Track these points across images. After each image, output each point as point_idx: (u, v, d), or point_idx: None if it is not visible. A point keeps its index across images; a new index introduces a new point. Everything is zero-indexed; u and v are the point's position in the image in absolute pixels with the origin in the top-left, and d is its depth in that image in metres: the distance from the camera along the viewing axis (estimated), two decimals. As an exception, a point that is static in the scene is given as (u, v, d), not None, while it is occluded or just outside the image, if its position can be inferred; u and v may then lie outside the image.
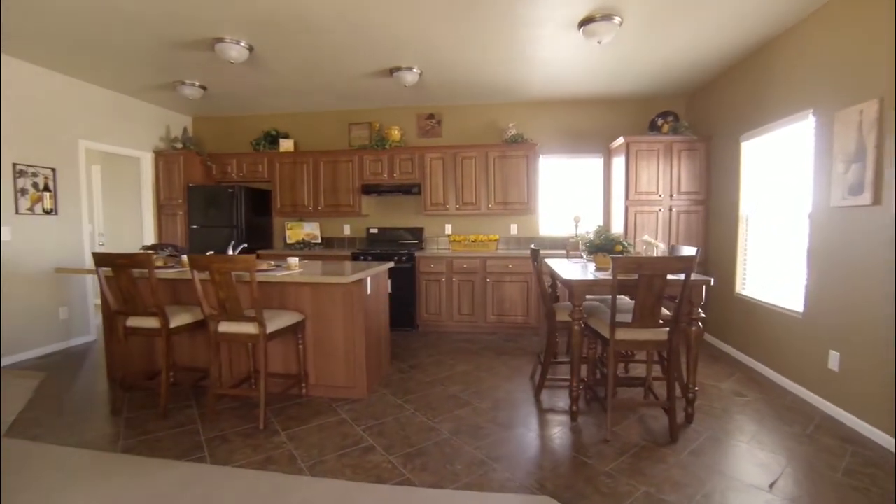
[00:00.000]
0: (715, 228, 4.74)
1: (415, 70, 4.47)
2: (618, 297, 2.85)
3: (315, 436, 2.89)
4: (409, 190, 5.40)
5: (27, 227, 4.26)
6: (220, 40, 3.80)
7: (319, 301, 3.50)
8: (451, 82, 4.90)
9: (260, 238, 5.77)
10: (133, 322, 3.25)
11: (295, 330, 3.41)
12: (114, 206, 6.04)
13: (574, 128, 5.56)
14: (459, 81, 4.89)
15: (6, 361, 4.14)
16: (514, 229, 5.69)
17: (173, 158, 5.56)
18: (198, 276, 3.06)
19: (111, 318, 3.60)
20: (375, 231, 5.79)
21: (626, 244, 3.39)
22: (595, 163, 5.60)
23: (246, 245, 4.74)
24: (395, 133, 5.52)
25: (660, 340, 2.82)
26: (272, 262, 3.60)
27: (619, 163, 5.06)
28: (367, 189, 5.48)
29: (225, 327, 3.11)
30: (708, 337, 4.88)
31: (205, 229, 5.43)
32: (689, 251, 3.46)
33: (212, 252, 3.73)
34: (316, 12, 3.38)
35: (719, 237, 4.65)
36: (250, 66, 4.33)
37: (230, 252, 3.80)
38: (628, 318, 2.76)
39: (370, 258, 5.22)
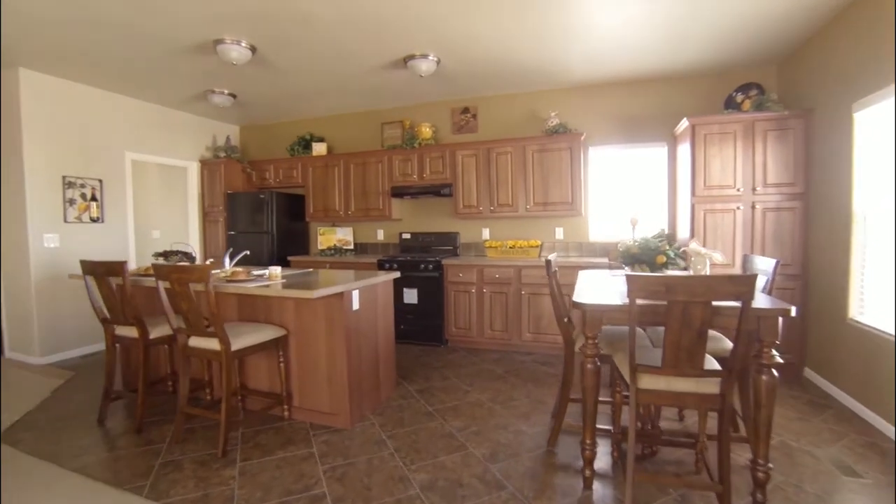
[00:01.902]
0: (817, 231, 3.48)
1: (431, 57, 3.85)
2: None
3: (270, 472, 2.40)
4: (439, 191, 4.78)
5: (75, 234, 4.37)
6: (221, 41, 3.51)
7: (302, 316, 3.03)
8: (480, 70, 4.20)
9: (295, 244, 5.54)
10: (120, 331, 3.05)
11: (276, 346, 2.98)
12: (174, 213, 6.21)
13: (629, 113, 4.54)
14: (488, 68, 4.17)
15: (54, 359, 4.28)
16: (559, 233, 4.81)
17: (215, 167, 5.52)
18: (162, 285, 2.75)
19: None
20: (408, 236, 5.25)
21: (672, 254, 2.46)
22: (658, 153, 4.52)
23: (248, 252, 4.48)
24: (426, 130, 4.94)
25: (706, 394, 1.89)
26: (255, 272, 3.20)
27: (684, 151, 3.97)
28: (397, 191, 4.96)
29: (193, 342, 2.77)
30: (809, 374, 3.61)
31: (242, 235, 5.31)
32: (763, 264, 2.43)
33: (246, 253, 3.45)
34: (310, 1, 2.95)
35: (824, 243, 3.40)
36: (259, 67, 4.02)
37: (227, 260, 3.49)
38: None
39: (395, 266, 4.69)
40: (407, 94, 4.94)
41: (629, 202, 4.64)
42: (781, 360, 1.94)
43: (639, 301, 1.85)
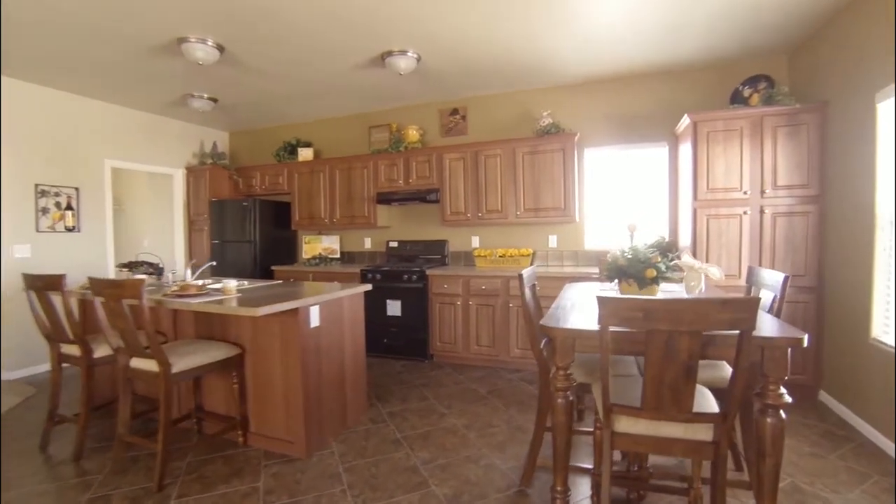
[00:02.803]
0: (835, 239, 3.06)
1: (410, 54, 3.55)
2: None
3: (204, 514, 2.10)
4: (425, 197, 4.46)
5: (48, 244, 4.17)
6: (185, 40, 3.27)
7: (259, 333, 2.74)
8: (466, 68, 3.88)
9: (281, 253, 5.27)
10: (66, 349, 2.80)
11: (230, 366, 2.69)
12: (165, 221, 6.01)
13: (627, 111, 4.16)
14: (475, 66, 3.86)
15: (22, 374, 4.06)
16: (552, 241, 4.44)
17: (201, 174, 5.31)
18: (98, 302, 2.48)
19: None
20: (395, 245, 4.94)
21: (664, 267, 2.09)
22: (658, 154, 4.13)
23: (214, 263, 4.20)
24: (413, 133, 4.63)
25: (697, 441, 1.52)
26: (213, 286, 2.92)
27: (686, 151, 3.58)
28: (383, 198, 4.66)
29: (135, 362, 2.49)
30: (825, 398, 3.17)
31: (226, 244, 5.07)
32: (771, 278, 2.05)
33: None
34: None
35: (843, 252, 2.97)
36: (232, 67, 3.78)
37: (188, 273, 3.22)
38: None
39: (378, 276, 4.38)
40: (394, 96, 4.65)
41: (628, 207, 4.25)
42: (790, 400, 1.56)
43: (615, 328, 1.50)
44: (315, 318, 2.72)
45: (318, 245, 5.18)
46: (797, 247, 3.23)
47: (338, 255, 5.15)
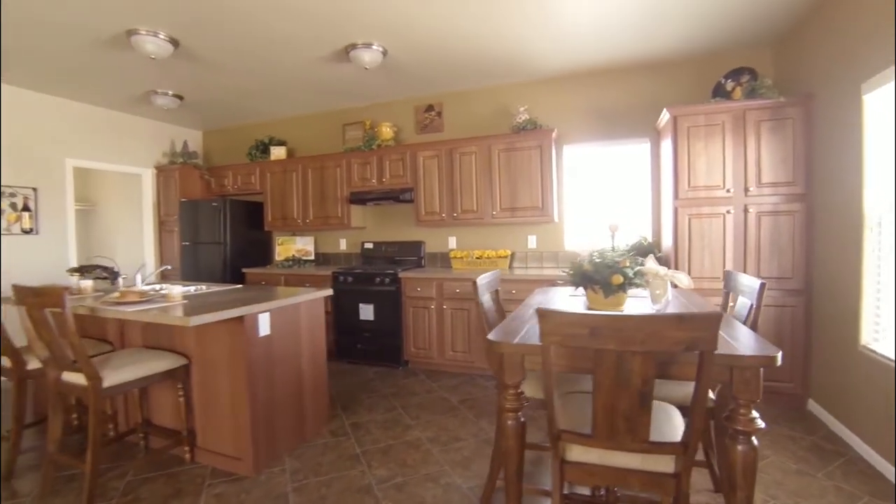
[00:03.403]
0: (823, 239, 2.87)
1: (375, 46, 3.34)
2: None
3: (129, 546, 1.90)
4: (398, 197, 4.25)
5: (3, 247, 3.95)
6: (135, 32, 3.06)
7: (205, 343, 2.54)
8: (438, 62, 3.68)
9: (254, 255, 5.05)
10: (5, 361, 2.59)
11: (173, 377, 2.48)
12: (137, 223, 5.79)
13: (607, 105, 3.96)
14: (447, 59, 3.65)
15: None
16: (532, 242, 4.24)
17: (171, 174, 5.09)
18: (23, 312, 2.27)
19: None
20: (370, 246, 4.73)
21: (632, 272, 1.89)
22: (640, 150, 3.93)
23: (169, 267, 3.99)
24: (386, 131, 4.43)
25: (656, 474, 1.33)
26: (157, 292, 2.72)
27: (668, 147, 3.39)
28: (356, 197, 4.45)
29: (66, 375, 2.28)
30: (814, 407, 2.98)
31: (196, 246, 4.85)
32: (749, 284, 1.86)
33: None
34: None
35: (831, 253, 2.78)
36: (191, 62, 3.56)
37: (138, 277, 3.02)
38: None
39: (350, 278, 4.17)
40: (367, 93, 4.45)
41: (610, 206, 4.05)
42: (763, 425, 1.37)
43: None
44: (265, 327, 2.52)
45: (291, 246, 4.97)
46: (783, 248, 3.04)
47: (312, 257, 4.95)
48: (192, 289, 3.24)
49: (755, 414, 1.36)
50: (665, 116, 3.30)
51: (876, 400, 2.32)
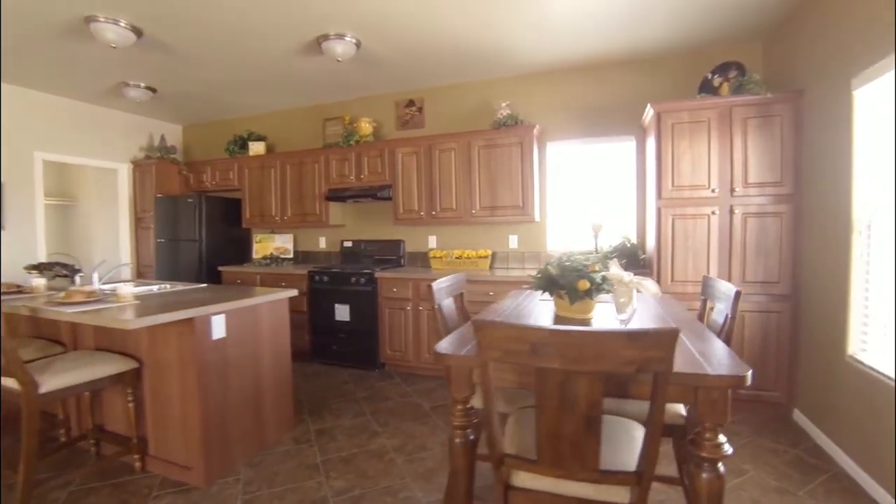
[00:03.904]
0: (811, 242, 2.72)
1: (347, 38, 3.19)
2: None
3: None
4: (376, 194, 4.10)
5: (-36, 243, 3.82)
6: (93, 19, 2.90)
7: (156, 346, 2.39)
8: (416, 55, 3.52)
9: (231, 253, 4.89)
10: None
11: (122, 381, 2.34)
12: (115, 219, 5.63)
13: (592, 102, 3.81)
14: (425, 52, 3.50)
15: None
16: (513, 242, 4.09)
17: (147, 169, 4.93)
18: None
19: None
20: (350, 244, 4.58)
21: (601, 278, 1.75)
22: (626, 148, 3.78)
23: (127, 263, 3.81)
24: (365, 126, 4.27)
25: (608, 505, 1.18)
26: (104, 291, 2.56)
27: (653, 145, 3.23)
28: (334, 194, 4.29)
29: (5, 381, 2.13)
30: (799, 417, 2.83)
31: (170, 243, 4.69)
32: (724, 291, 1.71)
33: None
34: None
35: (819, 257, 2.64)
36: (159, 53, 3.40)
37: (95, 276, 2.86)
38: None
39: (326, 278, 4.02)
40: (347, 87, 4.29)
41: (594, 206, 3.90)
42: (730, 451, 1.22)
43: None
44: (220, 329, 2.37)
45: (270, 244, 4.82)
46: (770, 250, 2.89)
47: (291, 256, 4.79)
48: (155, 288, 3.09)
49: (722, 439, 1.21)
50: (649, 113, 3.15)
51: (862, 413, 2.17)
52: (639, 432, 1.46)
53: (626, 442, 1.37)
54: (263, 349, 2.67)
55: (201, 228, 4.56)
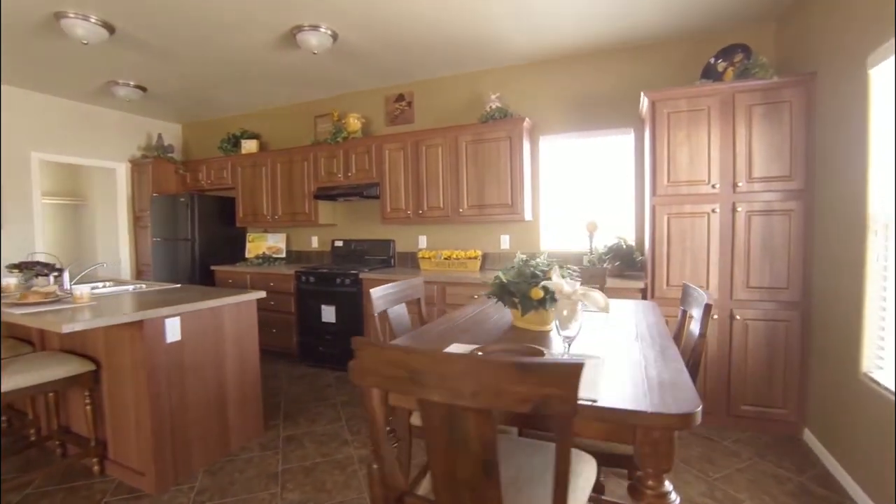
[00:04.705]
0: (824, 243, 2.42)
1: (322, 29, 3.05)
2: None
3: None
4: (363, 192, 3.95)
5: (-38, 242, 3.88)
6: (63, 15, 2.85)
7: (113, 348, 2.32)
8: (398, 47, 3.35)
9: (225, 252, 4.84)
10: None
11: (80, 383, 2.27)
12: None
13: (589, 92, 3.55)
14: (408, 45, 3.33)
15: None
16: (505, 242, 3.87)
17: (144, 168, 4.94)
18: None
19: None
20: (340, 244, 4.46)
21: (549, 287, 1.54)
22: (624, 142, 3.51)
23: (104, 264, 3.76)
24: (353, 122, 4.13)
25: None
26: (62, 292, 2.51)
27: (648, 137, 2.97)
28: (322, 193, 4.17)
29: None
30: (809, 438, 2.53)
31: (165, 242, 4.68)
32: (695, 298, 1.49)
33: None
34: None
35: (832, 260, 2.33)
36: (138, 50, 3.34)
37: (65, 276, 2.82)
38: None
39: (313, 278, 3.91)
40: (335, 82, 4.16)
41: (591, 204, 3.65)
42: (677, 499, 1.00)
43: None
44: (175, 332, 2.28)
45: (262, 244, 4.75)
46: (777, 252, 2.59)
47: (283, 255, 4.71)
48: (130, 288, 3.04)
49: (668, 487, 1.00)
50: (644, 102, 2.89)
51: (876, 440, 1.88)
52: (586, 464, 1.26)
53: (573, 478, 1.17)
54: (226, 353, 2.56)
55: (194, 227, 4.52)
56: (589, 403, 0.99)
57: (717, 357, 2.72)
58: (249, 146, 4.68)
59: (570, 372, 0.75)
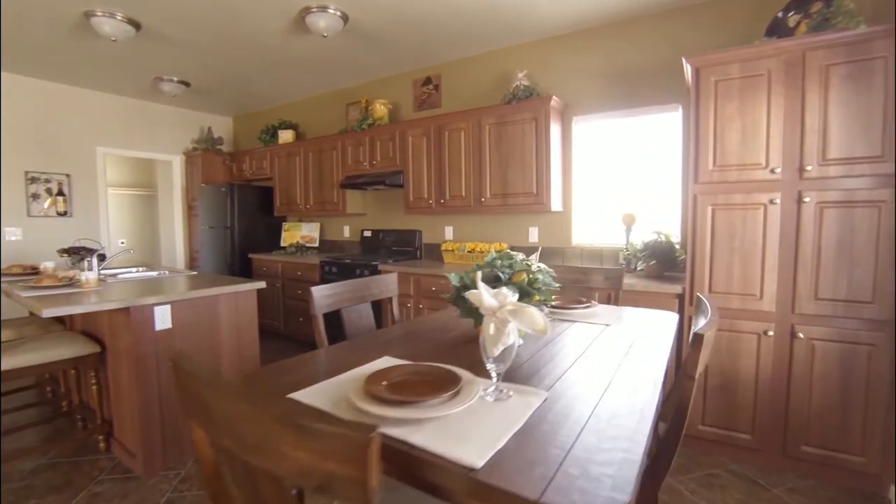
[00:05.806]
0: (924, 244, 1.82)
1: (331, 10, 2.91)
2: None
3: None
4: (386, 181, 3.80)
5: (40, 228, 4.32)
6: (92, 14, 2.99)
7: (115, 331, 2.40)
8: (416, 27, 3.14)
9: (264, 240, 4.98)
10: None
11: (86, 364, 2.38)
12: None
13: (630, 65, 3.07)
14: (425, 24, 3.10)
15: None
16: (533, 235, 3.52)
17: (195, 160, 5.22)
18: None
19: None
20: (369, 234, 4.38)
21: (538, 289, 1.28)
22: (671, 121, 3.00)
23: (132, 251, 3.93)
24: (380, 108, 3.98)
25: None
26: (70, 278, 2.63)
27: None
28: (349, 182, 4.09)
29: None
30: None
31: (211, 230, 4.92)
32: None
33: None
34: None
35: (932, 267, 1.75)
36: (167, 45, 3.46)
37: (94, 261, 2.99)
38: None
39: (335, 269, 3.86)
40: (361, 68, 4.04)
41: (631, 193, 3.18)
42: None
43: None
44: (165, 320, 2.29)
45: (297, 233, 4.81)
46: (860, 256, 2.02)
47: (316, 244, 4.73)
48: (155, 273, 3.18)
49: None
50: (688, 70, 2.39)
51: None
52: None
53: None
54: (221, 342, 2.56)
55: (233, 216, 4.70)
56: (466, 469, 0.72)
57: (772, 382, 2.21)
58: (286, 136, 4.74)
59: (358, 444, 0.51)
